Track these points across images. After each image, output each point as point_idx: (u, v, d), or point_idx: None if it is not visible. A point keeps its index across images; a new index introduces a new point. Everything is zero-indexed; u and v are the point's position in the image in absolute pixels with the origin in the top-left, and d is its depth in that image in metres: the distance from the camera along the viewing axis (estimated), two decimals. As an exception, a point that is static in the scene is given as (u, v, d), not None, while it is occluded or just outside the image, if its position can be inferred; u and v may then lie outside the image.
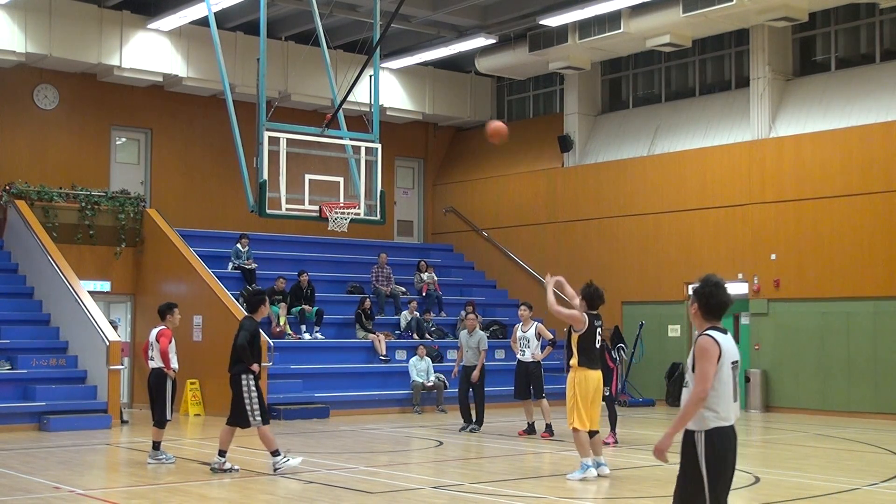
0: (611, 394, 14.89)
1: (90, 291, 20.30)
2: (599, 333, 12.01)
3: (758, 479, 11.91)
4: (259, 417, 11.99)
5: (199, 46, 22.86)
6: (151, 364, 13.22)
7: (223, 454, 12.17)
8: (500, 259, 27.04)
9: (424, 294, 24.55)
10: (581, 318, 11.81)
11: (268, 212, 15.47)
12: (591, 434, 11.87)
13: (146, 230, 22.63)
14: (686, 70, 24.64)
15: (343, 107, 16.37)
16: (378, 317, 23.20)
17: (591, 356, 11.86)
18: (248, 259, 22.70)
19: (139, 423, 18.29)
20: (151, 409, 13.27)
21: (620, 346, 18.78)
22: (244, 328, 12.15)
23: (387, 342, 22.21)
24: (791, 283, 21.38)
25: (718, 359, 5.98)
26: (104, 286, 22.19)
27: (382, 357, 21.93)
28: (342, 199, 16.04)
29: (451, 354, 21.81)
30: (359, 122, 16.81)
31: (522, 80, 27.68)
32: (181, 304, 14.56)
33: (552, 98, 27.46)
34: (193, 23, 22.29)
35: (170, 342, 13.12)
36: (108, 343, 18.15)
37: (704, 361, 5.96)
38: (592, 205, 25.08)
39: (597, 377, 11.86)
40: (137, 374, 21.53)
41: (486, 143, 28.28)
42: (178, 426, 17.94)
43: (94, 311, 18.97)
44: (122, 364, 19.18)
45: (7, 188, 21.72)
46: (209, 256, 22.33)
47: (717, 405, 5.98)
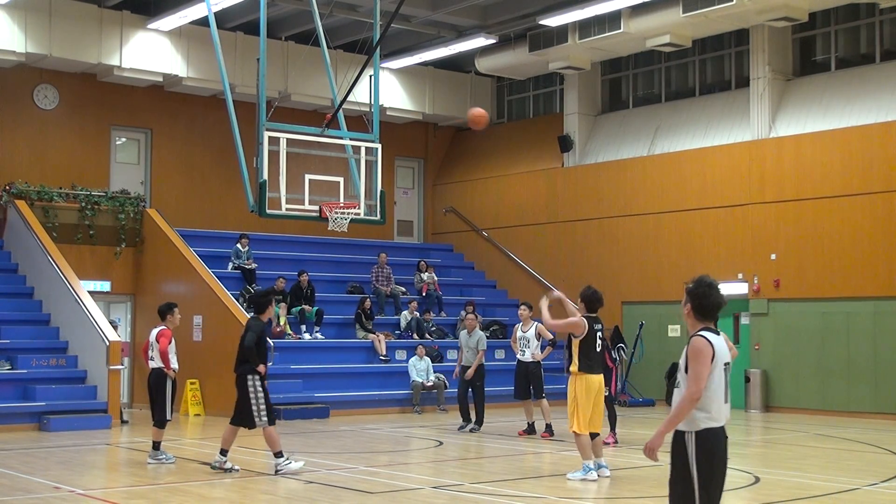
0: (610, 394, 14.88)
1: (90, 291, 20.31)
2: (600, 337, 11.93)
3: (758, 479, 11.91)
4: (265, 418, 11.98)
5: (199, 46, 22.86)
6: (151, 364, 13.24)
7: (225, 453, 12.18)
8: (500, 259, 27.04)
9: (424, 294, 24.55)
10: (580, 324, 11.74)
11: (268, 212, 15.45)
12: (593, 436, 11.86)
13: (146, 230, 22.63)
14: (686, 70, 24.64)
15: (343, 107, 16.36)
16: (378, 317, 23.20)
17: (592, 360, 11.80)
18: (248, 259, 22.71)
19: (139, 423, 18.30)
20: (151, 409, 13.28)
21: (620, 346, 18.77)
22: (251, 329, 12.14)
23: (387, 342, 22.21)
24: (791, 283, 21.38)
25: (712, 360, 5.98)
26: (104, 286, 22.20)
27: (382, 357, 21.93)
28: (342, 199, 16.02)
29: (451, 354, 21.82)
30: (359, 122, 16.79)
31: (522, 80, 27.68)
32: (181, 304, 14.56)
33: (552, 98, 27.46)
34: (193, 23, 22.29)
35: (169, 342, 13.13)
36: (108, 343, 18.16)
37: (698, 362, 5.97)
38: (592, 205, 25.07)
39: (598, 381, 11.81)
40: (137, 374, 21.54)
41: (486, 143, 28.55)
42: (178, 426, 17.94)
43: (94, 311, 18.98)
44: (122, 364, 19.18)
45: (7, 188, 21.72)
46: (209, 256, 22.33)
47: (709, 406, 5.99)
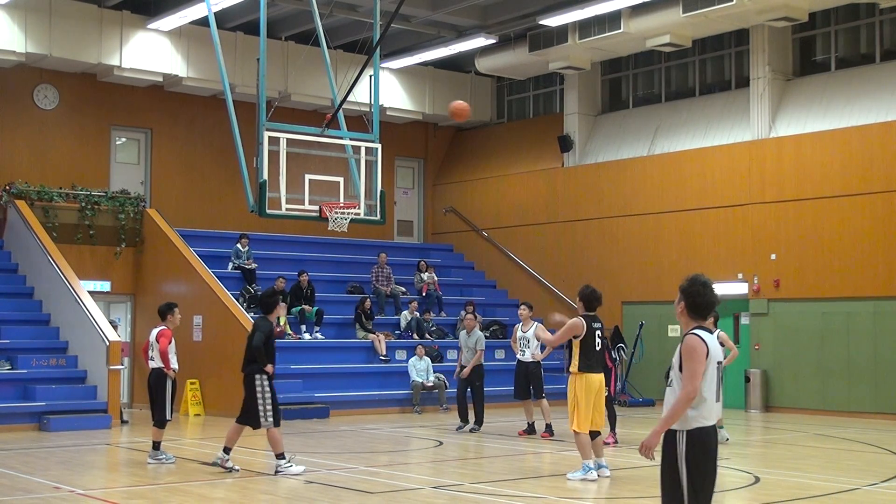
0: (610, 394, 14.87)
1: (90, 291, 20.31)
2: (599, 336, 11.87)
3: (758, 479, 11.91)
4: (271, 419, 11.96)
5: (199, 46, 22.86)
6: (151, 364, 13.24)
7: (228, 451, 12.17)
8: (500, 259, 27.04)
9: (424, 294, 24.55)
10: (578, 325, 11.68)
11: (268, 212, 15.45)
12: (594, 435, 11.84)
13: (146, 230, 22.63)
14: (686, 70, 24.64)
15: (343, 107, 16.36)
16: (378, 317, 23.20)
17: (592, 359, 11.75)
18: (248, 259, 22.71)
19: (139, 423, 18.29)
20: (151, 409, 13.28)
21: (620, 346, 18.76)
22: (259, 329, 12.11)
23: (387, 342, 22.22)
24: (791, 283, 21.38)
25: (706, 357, 6.00)
26: (104, 286, 22.20)
27: (382, 357, 21.93)
28: (342, 199, 16.02)
29: (451, 354, 21.84)
30: (359, 122, 16.79)
31: (522, 80, 27.68)
32: (181, 304, 14.56)
33: (552, 98, 27.46)
34: (193, 23, 22.29)
35: (169, 342, 13.13)
36: (108, 343, 18.16)
37: (693, 360, 5.97)
38: (592, 205, 25.07)
39: (598, 380, 11.77)
40: (137, 374, 21.54)
41: (486, 143, 28.55)
42: (178, 426, 17.94)
43: (94, 311, 18.98)
44: (122, 364, 19.18)
45: (7, 188, 21.72)
46: (209, 256, 22.33)
47: (701, 405, 6.00)
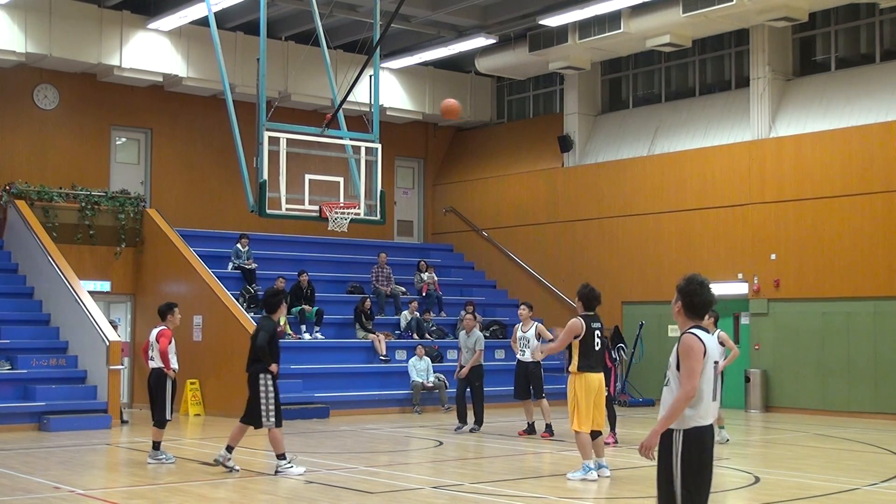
0: (610, 394, 14.87)
1: (90, 291, 20.31)
2: (598, 336, 11.83)
3: (758, 479, 11.91)
4: (273, 419, 11.95)
5: (199, 46, 22.86)
6: (151, 364, 13.24)
7: (230, 450, 12.16)
8: (500, 259, 27.04)
9: (424, 294, 24.55)
10: (576, 326, 11.64)
11: (268, 212, 15.45)
12: (594, 435, 11.81)
13: (146, 230, 22.63)
14: (686, 70, 24.64)
15: (343, 107, 16.36)
16: (378, 317, 23.20)
17: (591, 359, 11.72)
18: (248, 259, 22.71)
19: (139, 423, 18.29)
20: (151, 409, 13.28)
21: (620, 346, 18.75)
22: (263, 328, 12.10)
23: (387, 342, 22.22)
24: (791, 283, 21.38)
25: (703, 356, 6.00)
26: (104, 286, 22.20)
27: (382, 357, 21.93)
28: (342, 199, 16.02)
29: (451, 354, 21.84)
30: (359, 122, 16.79)
31: (522, 80, 27.68)
32: (181, 304, 14.56)
33: (552, 98, 27.46)
34: (193, 23, 22.29)
35: (169, 342, 13.13)
36: (108, 343, 18.16)
37: (690, 359, 5.97)
38: (592, 205, 25.07)
39: (598, 379, 11.75)
40: (137, 374, 21.54)
41: (486, 143, 28.55)
42: (178, 426, 17.94)
43: (94, 311, 18.98)
44: (122, 364, 19.19)
45: (7, 188, 21.72)
46: (209, 256, 22.33)
47: (698, 404, 6.00)
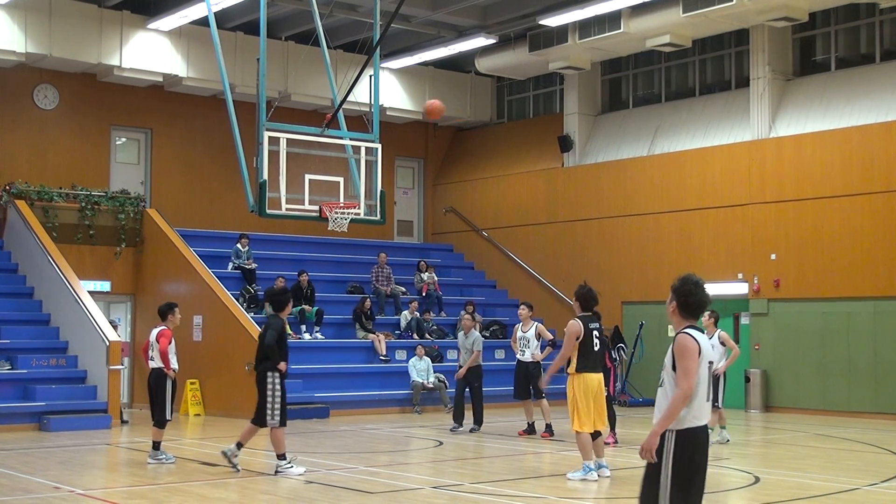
0: (609, 394, 14.85)
1: (90, 291, 20.31)
2: (597, 336, 11.79)
3: (758, 479, 11.91)
4: (277, 418, 11.94)
5: (199, 46, 22.86)
6: (151, 364, 13.24)
7: (240, 447, 12.14)
8: (500, 259, 27.03)
9: (424, 294, 24.55)
10: (575, 329, 11.60)
11: (268, 212, 15.45)
12: (595, 435, 11.79)
13: (146, 230, 22.63)
14: (686, 70, 24.64)
15: (343, 107, 16.36)
16: (378, 317, 23.20)
17: (590, 359, 11.69)
18: (248, 259, 22.71)
19: (139, 423, 18.29)
20: (151, 409, 13.28)
21: (620, 346, 18.78)
22: (271, 327, 12.09)
23: (387, 342, 22.22)
24: (791, 283, 21.38)
25: (698, 356, 6.01)
26: (104, 286, 22.20)
27: (382, 357, 21.93)
28: (342, 199, 16.02)
29: (451, 354, 21.84)
30: (359, 122, 16.79)
31: (522, 80, 27.68)
32: (181, 304, 14.56)
33: (552, 98, 27.46)
34: (193, 23, 22.29)
35: (169, 342, 13.13)
36: (108, 343, 18.16)
37: (687, 359, 5.98)
38: (592, 205, 25.07)
39: (597, 379, 11.72)
40: (137, 374, 21.54)
41: (486, 143, 28.55)
42: (178, 426, 17.94)
43: (94, 311, 18.97)
44: (122, 364, 19.19)
45: (7, 188, 21.72)
46: (209, 256, 22.33)
47: (692, 404, 6.00)
